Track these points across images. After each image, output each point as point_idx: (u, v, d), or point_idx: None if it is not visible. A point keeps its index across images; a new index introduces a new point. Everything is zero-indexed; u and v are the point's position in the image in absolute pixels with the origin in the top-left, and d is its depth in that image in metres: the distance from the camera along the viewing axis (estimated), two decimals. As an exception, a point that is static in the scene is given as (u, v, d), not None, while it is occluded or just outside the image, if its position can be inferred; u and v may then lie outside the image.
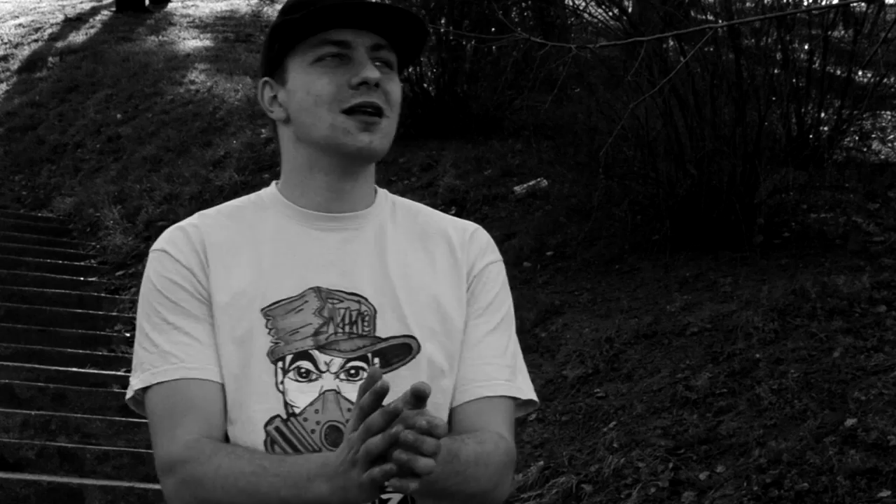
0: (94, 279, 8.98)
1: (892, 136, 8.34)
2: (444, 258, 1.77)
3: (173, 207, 9.96)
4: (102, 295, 8.62)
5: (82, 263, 9.41)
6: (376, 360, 1.68)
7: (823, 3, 8.51)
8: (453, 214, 9.43)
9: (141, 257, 9.22)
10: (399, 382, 1.66)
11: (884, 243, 6.14)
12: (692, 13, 8.16)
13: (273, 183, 1.82)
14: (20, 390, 5.95)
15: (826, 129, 7.68)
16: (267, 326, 1.68)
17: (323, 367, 1.67)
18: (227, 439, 1.69)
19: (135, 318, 8.37)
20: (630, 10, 8.67)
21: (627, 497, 4.36)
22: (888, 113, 8.49)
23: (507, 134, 9.28)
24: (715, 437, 4.52)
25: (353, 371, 1.67)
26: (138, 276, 8.88)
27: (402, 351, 1.70)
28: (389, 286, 1.71)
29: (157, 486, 4.97)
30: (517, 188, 8.19)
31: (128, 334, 7.81)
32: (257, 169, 10.30)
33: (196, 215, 1.79)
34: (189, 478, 1.62)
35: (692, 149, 6.68)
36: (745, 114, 6.69)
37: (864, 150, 7.99)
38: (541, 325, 6.09)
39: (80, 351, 7.17)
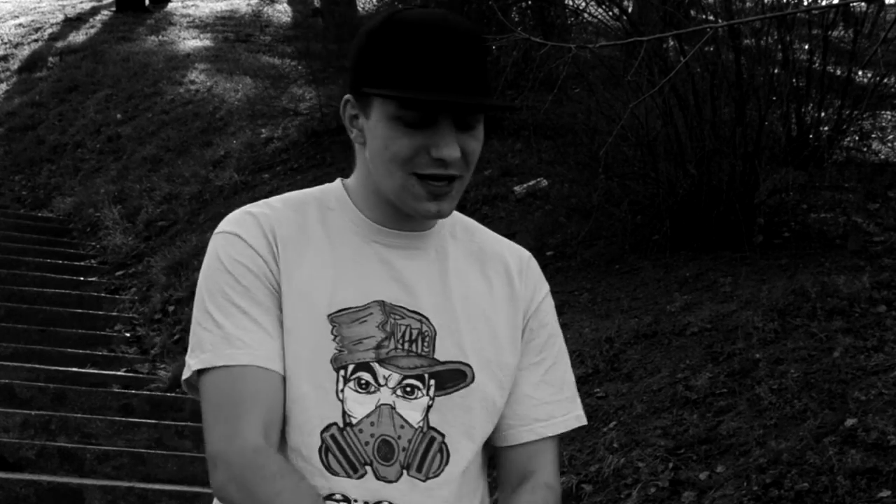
0: (94, 279, 8.98)
1: (892, 136, 8.35)
2: (501, 286, 1.76)
3: (173, 207, 9.97)
4: (102, 295, 8.62)
5: (82, 263, 9.42)
6: (432, 382, 1.67)
7: (823, 3, 8.52)
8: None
9: (141, 257, 9.23)
10: (451, 408, 1.67)
11: (884, 243, 6.14)
12: (692, 13, 8.16)
13: (339, 180, 1.78)
14: (20, 390, 5.95)
15: (826, 129, 7.69)
16: (332, 333, 1.66)
17: (382, 381, 1.66)
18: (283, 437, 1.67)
19: (134, 318, 8.37)
20: (630, 9, 8.67)
21: (627, 497, 4.36)
22: (888, 113, 8.49)
23: (507, 134, 9.29)
24: (715, 437, 4.52)
25: (408, 388, 1.67)
26: (138, 275, 8.89)
27: (457, 377, 1.69)
28: (450, 309, 1.70)
29: (156, 486, 4.97)
30: (517, 188, 8.19)
31: (128, 334, 7.82)
32: (257, 169, 10.31)
33: (262, 203, 1.73)
34: (245, 485, 1.58)
35: (692, 149, 6.68)
36: (745, 114, 6.69)
37: (864, 150, 7.99)
38: (541, 325, 6.09)
39: (80, 351, 7.17)
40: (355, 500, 1.63)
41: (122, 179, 11.06)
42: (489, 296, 1.75)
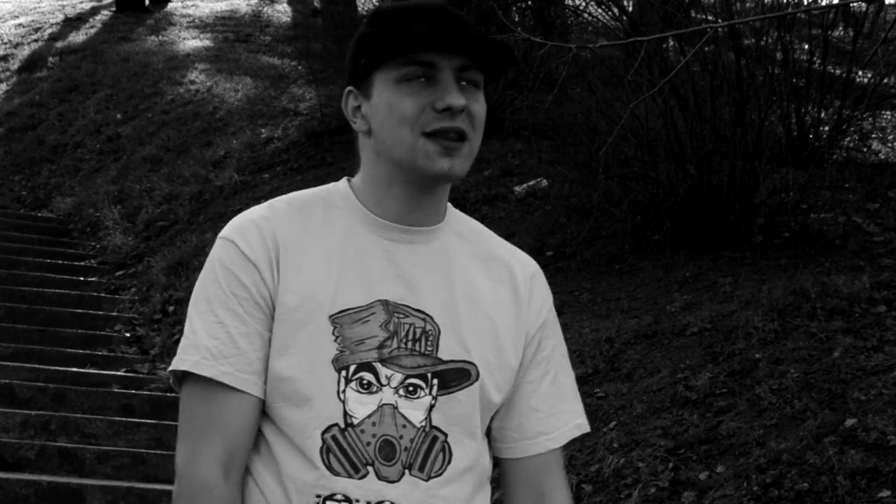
0: (94, 279, 8.98)
1: (892, 136, 8.34)
2: (505, 289, 1.76)
3: (173, 207, 9.97)
4: (102, 295, 8.62)
5: (82, 263, 9.42)
6: (435, 381, 1.68)
7: (823, 3, 8.52)
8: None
9: (141, 257, 9.23)
10: (455, 406, 1.68)
11: (884, 243, 6.14)
12: (692, 13, 8.16)
13: (345, 179, 1.78)
14: (20, 390, 5.95)
15: (826, 129, 7.69)
16: (334, 334, 1.66)
17: (384, 381, 1.66)
18: (274, 447, 1.69)
19: (134, 318, 8.39)
20: (630, 9, 8.67)
21: (627, 497, 4.36)
22: (888, 113, 8.49)
23: (507, 134, 9.29)
24: (715, 437, 4.52)
25: (411, 388, 1.67)
26: (138, 275, 8.89)
27: (461, 375, 1.69)
28: (454, 307, 1.70)
29: (156, 486, 4.97)
30: (517, 188, 8.19)
31: (128, 334, 7.82)
32: (257, 169, 10.31)
33: (266, 206, 1.74)
34: None
35: (692, 149, 6.68)
36: (745, 114, 6.69)
37: (864, 150, 7.99)
38: (541, 325, 6.08)
39: (80, 351, 7.17)
40: (357, 500, 1.64)
41: (122, 179, 11.06)
42: (493, 297, 1.75)
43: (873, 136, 8.17)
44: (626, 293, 6.24)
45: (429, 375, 1.67)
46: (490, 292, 1.75)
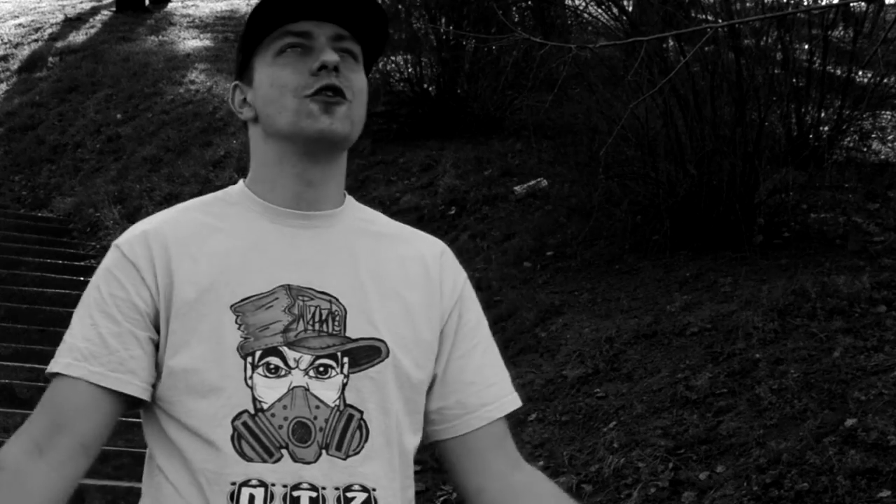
0: (94, 279, 8.98)
1: (892, 136, 8.34)
2: (416, 266, 1.78)
3: (173, 207, 9.96)
4: (102, 295, 8.61)
5: (82, 263, 9.41)
6: (345, 360, 1.68)
7: (823, 3, 8.52)
8: (453, 214, 9.26)
9: (141, 257, 9.23)
10: (367, 383, 1.68)
11: (884, 243, 6.14)
12: (692, 13, 8.16)
13: (241, 180, 1.82)
14: (20, 390, 5.95)
15: (826, 129, 7.69)
16: (237, 322, 1.67)
17: (292, 364, 1.67)
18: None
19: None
20: (630, 9, 8.68)
21: (627, 497, 4.36)
22: (888, 113, 8.49)
23: (507, 134, 9.29)
24: (715, 437, 4.52)
25: (321, 369, 1.67)
26: (138, 276, 8.90)
27: (371, 352, 1.69)
28: (361, 288, 1.71)
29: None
30: (517, 188, 8.19)
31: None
32: (257, 169, 10.31)
33: (162, 211, 1.78)
34: None
35: (692, 149, 6.68)
36: (745, 114, 6.69)
37: (864, 150, 8.00)
38: (541, 325, 6.09)
39: (80, 351, 7.16)
40: (273, 484, 1.63)
41: (122, 179, 11.06)
42: (403, 274, 1.76)
43: (873, 136, 8.17)
44: (626, 293, 6.24)
45: (338, 354, 1.68)
46: (399, 270, 1.76)
